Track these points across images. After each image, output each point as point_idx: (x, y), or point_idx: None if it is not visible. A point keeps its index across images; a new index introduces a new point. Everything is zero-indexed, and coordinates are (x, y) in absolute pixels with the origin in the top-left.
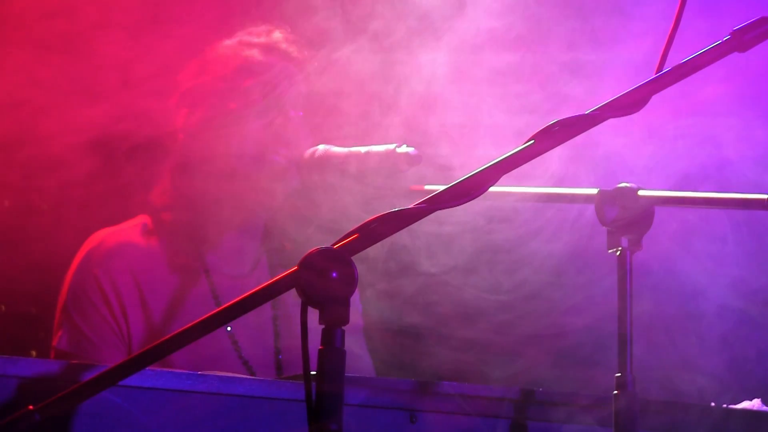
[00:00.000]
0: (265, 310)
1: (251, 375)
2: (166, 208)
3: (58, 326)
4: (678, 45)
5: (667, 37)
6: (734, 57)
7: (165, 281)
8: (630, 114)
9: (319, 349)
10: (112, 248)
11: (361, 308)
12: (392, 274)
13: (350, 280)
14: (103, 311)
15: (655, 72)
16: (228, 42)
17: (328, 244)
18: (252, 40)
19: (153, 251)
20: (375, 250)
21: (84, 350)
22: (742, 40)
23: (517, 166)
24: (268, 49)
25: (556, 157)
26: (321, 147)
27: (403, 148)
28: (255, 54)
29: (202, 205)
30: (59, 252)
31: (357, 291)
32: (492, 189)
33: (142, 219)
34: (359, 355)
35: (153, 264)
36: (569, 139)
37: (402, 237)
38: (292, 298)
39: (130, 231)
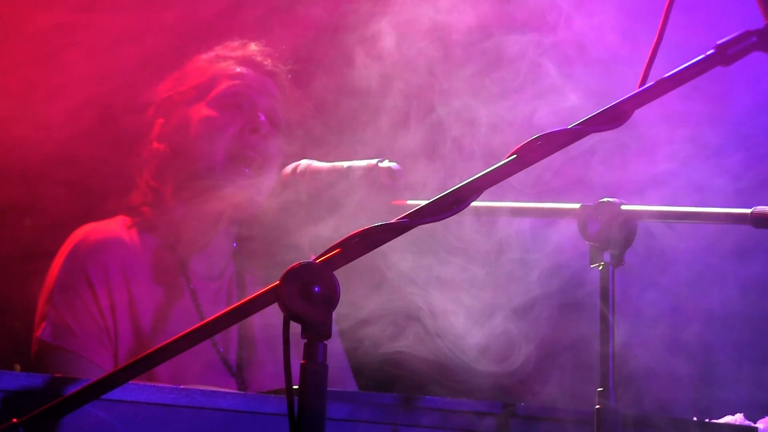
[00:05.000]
0: None
1: (229, 370)
2: (144, 210)
3: (42, 317)
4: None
5: (650, 51)
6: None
7: (149, 279)
8: (613, 128)
9: (302, 364)
10: (102, 240)
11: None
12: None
13: (332, 295)
14: (90, 306)
15: (638, 86)
16: (204, 56)
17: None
18: (227, 54)
19: (137, 248)
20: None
21: (68, 342)
22: (725, 55)
23: (500, 181)
24: (242, 60)
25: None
26: (303, 162)
27: (385, 163)
28: (229, 65)
29: (178, 208)
30: (41, 265)
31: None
32: (474, 204)
33: (122, 218)
34: (336, 353)
35: (138, 261)
36: (552, 153)
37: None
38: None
39: (115, 226)
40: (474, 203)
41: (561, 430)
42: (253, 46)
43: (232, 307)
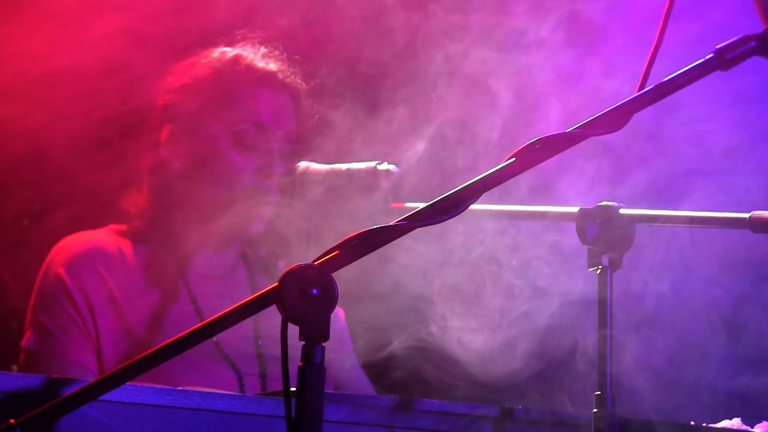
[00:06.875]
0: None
1: (234, 369)
2: (139, 217)
3: (27, 327)
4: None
5: (649, 55)
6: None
7: (138, 283)
8: (611, 132)
9: (299, 366)
10: (78, 249)
11: (347, 333)
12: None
13: (330, 297)
14: (69, 309)
15: (636, 90)
16: (219, 55)
17: (309, 260)
18: (246, 62)
19: (124, 255)
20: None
21: (51, 348)
22: (724, 59)
23: (498, 184)
24: (262, 78)
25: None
26: (302, 164)
27: (384, 165)
28: (249, 82)
29: (177, 220)
30: (39, 266)
31: (345, 322)
32: (473, 207)
33: (113, 227)
34: (356, 373)
35: (124, 267)
36: (550, 157)
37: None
38: None
39: (99, 235)
40: (472, 206)
41: None
42: (274, 63)
43: (231, 308)
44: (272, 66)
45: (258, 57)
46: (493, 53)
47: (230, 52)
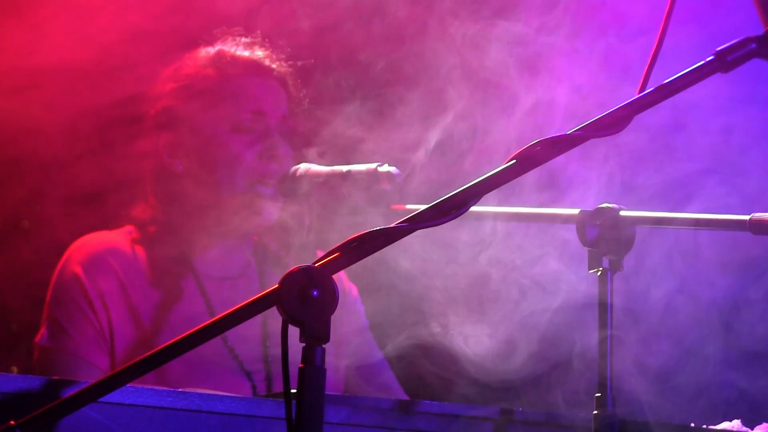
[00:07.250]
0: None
1: (243, 370)
2: (152, 222)
3: (41, 324)
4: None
5: (650, 57)
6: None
7: (152, 286)
8: (612, 134)
9: (300, 368)
10: (96, 249)
11: (363, 308)
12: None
13: (331, 299)
14: (84, 308)
15: (637, 92)
16: (204, 53)
17: (309, 262)
18: (233, 53)
19: (139, 258)
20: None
21: (64, 346)
22: (725, 61)
23: (499, 186)
24: (252, 68)
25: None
26: (303, 165)
27: (385, 167)
28: (238, 72)
29: (188, 224)
30: (40, 268)
31: (358, 296)
32: (473, 209)
33: (129, 228)
34: (370, 351)
35: (139, 270)
36: (551, 159)
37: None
38: None
39: (116, 237)
40: (473, 208)
41: None
42: (258, 51)
43: (232, 309)
44: (258, 53)
45: (241, 48)
46: (500, 52)
47: (213, 49)
